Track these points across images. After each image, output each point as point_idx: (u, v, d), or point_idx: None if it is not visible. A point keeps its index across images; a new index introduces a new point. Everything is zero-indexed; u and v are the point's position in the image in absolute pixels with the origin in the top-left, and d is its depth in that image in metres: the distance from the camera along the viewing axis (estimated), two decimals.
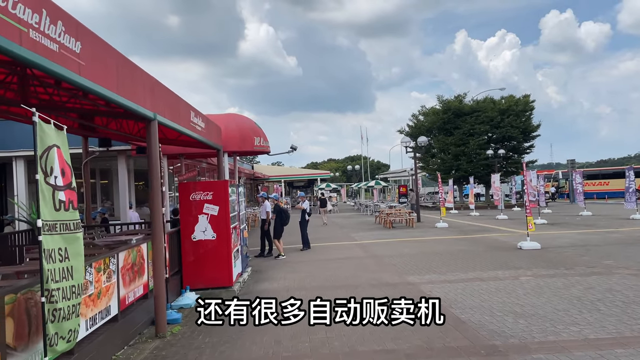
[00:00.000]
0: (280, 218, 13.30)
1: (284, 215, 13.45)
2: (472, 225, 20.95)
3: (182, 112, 7.83)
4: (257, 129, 13.34)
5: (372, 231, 20.26)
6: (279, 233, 13.23)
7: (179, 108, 7.62)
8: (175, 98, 7.45)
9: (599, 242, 13.57)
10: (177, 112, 7.48)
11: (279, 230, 13.24)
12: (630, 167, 22.48)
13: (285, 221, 13.48)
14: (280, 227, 13.28)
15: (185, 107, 8.05)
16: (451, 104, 38.22)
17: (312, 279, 10.02)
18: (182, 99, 7.98)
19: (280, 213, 13.36)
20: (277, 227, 13.23)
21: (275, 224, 13.28)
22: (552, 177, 47.52)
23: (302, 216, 14.90)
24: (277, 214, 13.34)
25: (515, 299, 7.38)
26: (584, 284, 8.18)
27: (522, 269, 9.88)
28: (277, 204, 13.68)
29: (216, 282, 8.71)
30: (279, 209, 13.54)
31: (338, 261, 12.19)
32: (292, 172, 52.76)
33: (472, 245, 14.15)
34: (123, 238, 6.93)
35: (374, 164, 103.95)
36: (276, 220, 13.30)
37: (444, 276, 9.56)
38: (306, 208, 15.01)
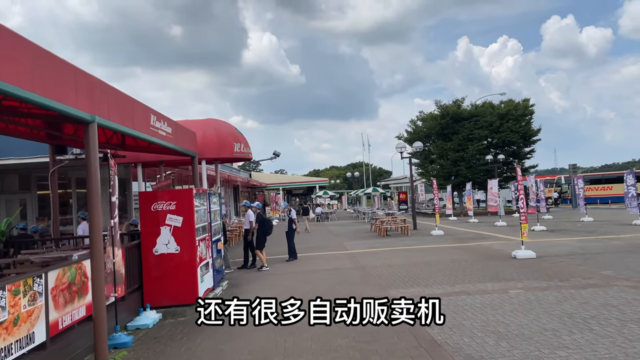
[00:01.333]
0: (263, 228, 12.69)
1: (267, 225, 12.83)
2: (468, 233, 20.23)
3: (138, 116, 7.23)
4: (237, 134, 12.77)
5: (365, 240, 19.59)
6: (261, 243, 12.61)
7: (133, 111, 7.03)
8: (127, 100, 6.87)
9: (599, 250, 12.85)
10: (130, 115, 6.89)
11: (262, 241, 12.63)
12: (631, 171, 21.72)
13: (268, 231, 12.86)
14: (263, 237, 12.67)
15: (142, 111, 7.46)
16: (449, 109, 37.61)
17: (289, 293, 9.30)
18: (139, 102, 7.40)
19: (263, 223, 12.75)
20: (259, 237, 12.62)
21: (258, 234, 12.67)
22: (555, 182, 46.74)
23: (289, 226, 14.27)
24: (259, 224, 12.72)
25: (500, 317, 6.70)
26: (577, 298, 7.49)
27: (513, 281, 9.19)
28: (259, 213, 13.06)
29: (180, 299, 8.08)
30: (262, 218, 12.92)
31: (322, 273, 11.53)
32: (290, 180, 52.22)
33: (465, 254, 13.46)
34: (64, 254, 6.32)
35: (375, 171, 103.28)
36: (258, 231, 12.69)
37: (428, 289, 8.89)
38: (293, 217, 14.36)
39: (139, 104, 7.36)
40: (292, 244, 14.20)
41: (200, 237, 8.62)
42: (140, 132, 7.28)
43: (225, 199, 30.42)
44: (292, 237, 14.22)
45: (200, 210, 8.84)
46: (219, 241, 10.32)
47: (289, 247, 14.18)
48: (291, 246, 14.16)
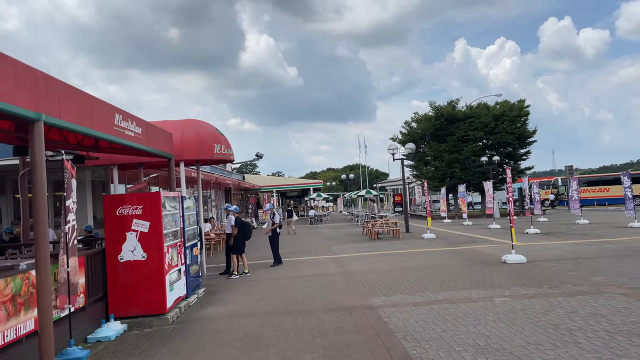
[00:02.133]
0: (243, 232, 12.24)
1: (247, 229, 12.39)
2: (460, 236, 19.82)
3: (98, 115, 6.79)
4: (217, 135, 12.33)
5: (355, 243, 19.16)
6: (241, 248, 12.16)
7: (92, 110, 6.60)
8: (84, 98, 6.43)
9: (592, 254, 12.45)
10: (88, 114, 6.45)
11: (241, 246, 12.19)
12: (626, 172, 21.34)
13: (248, 235, 12.43)
14: (243, 242, 12.23)
15: (104, 109, 7.02)
16: (444, 110, 37.26)
17: (266, 301, 8.94)
18: (100, 100, 6.97)
19: (243, 227, 12.30)
20: (239, 242, 12.17)
21: (237, 239, 12.21)
22: (552, 184, 46.38)
23: (274, 230, 13.82)
24: (239, 228, 12.27)
25: (482, 328, 6.28)
26: (565, 307, 7.08)
27: (500, 288, 8.77)
28: (238, 217, 12.60)
29: (148, 309, 7.64)
30: (241, 222, 12.47)
31: (305, 279, 11.11)
32: (284, 182, 51.74)
33: (454, 258, 13.05)
34: (10, 263, 5.88)
35: (372, 173, 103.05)
36: (238, 235, 12.22)
37: (411, 297, 8.47)
38: (277, 221, 13.90)
39: (99, 102, 6.93)
40: (277, 249, 13.76)
41: (170, 242, 8.19)
42: (101, 132, 6.84)
43: (216, 201, 29.99)
44: (277, 242, 13.78)
45: (171, 215, 8.41)
46: (194, 247, 9.89)
47: (274, 252, 13.73)
48: (276, 251, 13.73)
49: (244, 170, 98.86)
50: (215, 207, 29.51)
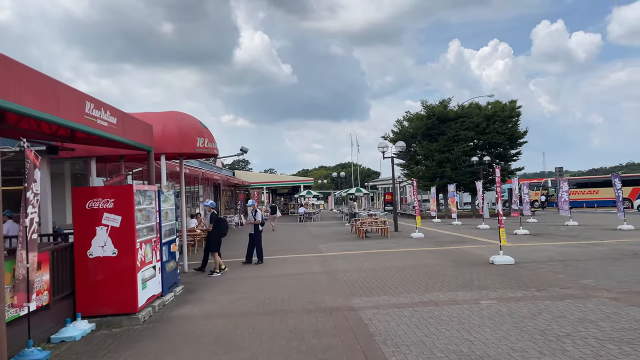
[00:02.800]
0: (219, 229, 11.89)
1: (223, 226, 12.03)
2: (449, 236, 19.58)
3: (66, 102, 6.40)
4: (200, 128, 11.95)
5: (342, 242, 18.85)
6: (216, 245, 11.80)
7: (58, 96, 6.21)
8: (48, 83, 6.04)
9: (581, 256, 12.24)
10: (54, 100, 6.07)
11: (217, 243, 11.83)
12: (617, 174, 21.22)
13: (223, 232, 12.08)
14: (218, 239, 11.88)
15: (72, 97, 6.64)
16: (435, 109, 37.05)
17: (244, 301, 8.60)
18: (68, 86, 6.57)
19: (219, 223, 11.95)
20: (214, 239, 11.81)
21: (213, 236, 11.84)
22: (542, 185, 46.39)
23: (255, 227, 13.45)
24: (214, 224, 11.89)
25: (466, 332, 5.99)
26: (553, 312, 6.81)
27: (487, 290, 8.50)
28: (213, 213, 12.20)
29: (118, 308, 7.28)
30: (217, 218, 12.11)
31: (287, 278, 10.78)
32: (275, 179, 51.38)
33: (442, 258, 12.78)
34: None
35: (364, 171, 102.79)
36: (213, 232, 11.86)
37: (395, 298, 8.17)
38: (258, 218, 13.53)
39: (68, 89, 6.53)
40: (260, 247, 13.38)
41: (144, 238, 7.83)
42: (69, 120, 6.45)
43: (204, 197, 29.55)
44: (259, 239, 13.39)
45: (146, 210, 8.05)
46: (172, 243, 9.52)
47: (257, 250, 13.35)
48: (259, 249, 13.33)
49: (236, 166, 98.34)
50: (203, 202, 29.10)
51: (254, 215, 13.52)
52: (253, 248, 13.34)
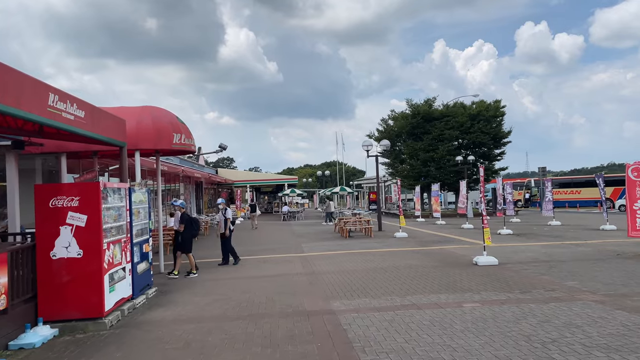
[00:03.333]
0: (190, 229, 11.42)
1: (194, 226, 11.59)
2: (433, 235, 19.41)
3: (27, 93, 5.99)
4: (177, 124, 11.54)
5: (326, 241, 18.56)
6: (187, 246, 11.34)
7: (18, 86, 5.79)
8: (9, 73, 5.61)
9: (565, 256, 12.11)
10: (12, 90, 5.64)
11: (188, 243, 11.38)
12: (600, 174, 21.25)
13: (195, 232, 11.65)
14: (190, 240, 11.43)
15: (34, 88, 6.21)
16: (420, 108, 36.94)
17: (220, 303, 8.25)
18: (30, 77, 6.14)
19: (190, 223, 11.47)
20: (185, 239, 11.34)
21: (184, 236, 11.36)
22: (525, 185, 46.66)
23: (225, 226, 12.94)
24: (185, 225, 11.38)
25: (448, 338, 5.73)
26: (538, 316, 6.58)
27: (470, 292, 8.27)
28: (184, 213, 11.67)
29: (83, 312, 6.87)
30: (188, 218, 11.59)
31: (266, 279, 10.44)
32: (259, 177, 50.90)
33: (425, 259, 12.55)
34: None
35: (349, 170, 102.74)
36: (185, 232, 11.37)
37: (376, 301, 7.89)
38: (229, 217, 13.10)
39: (28, 79, 6.11)
40: (230, 247, 12.91)
41: (113, 238, 7.43)
42: (29, 113, 6.02)
43: (186, 195, 29.04)
44: (229, 239, 12.96)
45: (115, 208, 7.64)
46: (145, 243, 9.11)
47: (230, 250, 12.85)
48: (229, 249, 12.86)
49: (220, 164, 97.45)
50: (185, 201, 28.56)
51: (224, 214, 13.07)
52: (230, 246, 12.94)
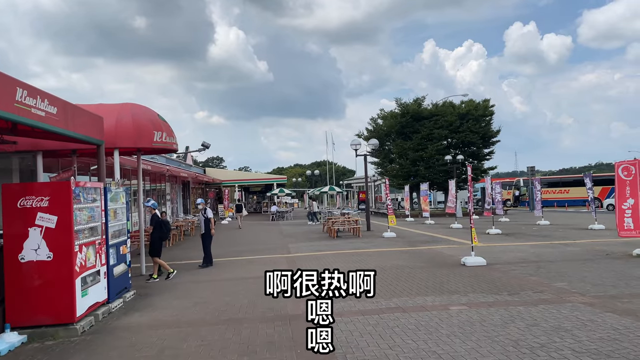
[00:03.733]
0: (160, 231, 10.98)
1: (164, 228, 11.13)
2: (421, 235, 19.24)
3: None
4: (158, 122, 11.22)
5: (313, 241, 18.31)
6: (157, 250, 10.93)
7: None
8: None
9: (554, 257, 11.97)
10: None
11: (158, 246, 10.96)
12: (589, 174, 21.21)
13: (165, 235, 11.24)
14: (159, 242, 11.02)
15: (1, 81, 5.89)
16: (410, 107, 36.82)
17: (200, 307, 7.97)
18: None
19: (160, 225, 11.02)
20: (155, 242, 10.91)
21: (153, 239, 10.93)
22: (514, 184, 46.78)
23: (206, 227, 12.56)
24: (154, 227, 10.95)
25: (434, 344, 5.50)
26: (527, 319, 6.39)
27: (457, 294, 8.06)
28: (154, 214, 11.22)
29: (54, 317, 6.57)
30: (158, 220, 11.11)
31: (250, 282, 10.15)
32: (247, 177, 50.54)
33: (412, 259, 12.35)
34: None
35: (339, 170, 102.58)
36: (154, 234, 10.93)
37: (360, 304, 7.65)
38: (210, 217, 12.68)
39: None
40: (209, 249, 12.54)
41: (86, 240, 7.12)
42: None
43: (172, 195, 28.65)
44: (209, 241, 12.58)
45: (89, 208, 7.33)
46: (122, 245, 8.80)
47: (205, 251, 12.55)
48: (207, 251, 12.51)
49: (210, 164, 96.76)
50: (171, 201, 28.18)
51: (203, 215, 12.70)
52: (209, 248, 12.57)
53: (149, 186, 23.15)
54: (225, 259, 13.68)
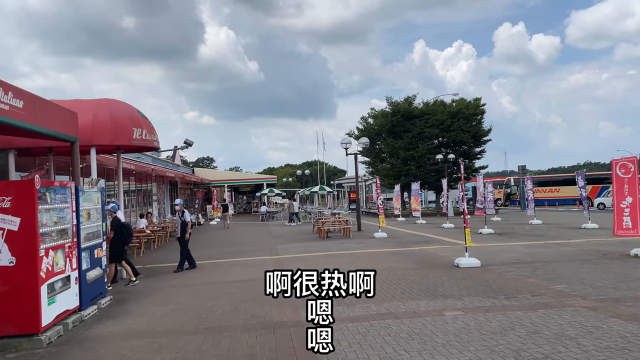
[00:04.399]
0: (121, 236, 10.21)
1: (126, 233, 10.34)
2: (413, 235, 18.85)
3: None
4: (138, 118, 10.71)
5: (302, 242, 17.85)
6: (119, 255, 10.19)
7: None
8: None
9: (549, 257, 11.61)
10: None
11: (120, 251, 10.23)
12: (581, 172, 20.95)
13: (127, 240, 10.47)
14: (122, 247, 10.31)
15: None
16: (400, 106, 36.46)
17: (179, 314, 7.48)
18: None
19: (121, 230, 10.24)
20: (116, 247, 10.13)
21: (115, 244, 10.13)
22: (505, 183, 46.64)
23: (182, 230, 11.96)
24: (115, 231, 10.16)
25: (428, 355, 5.06)
26: (527, 325, 5.97)
27: (452, 298, 7.65)
28: (115, 218, 10.38)
29: (18, 327, 6.04)
30: (119, 224, 10.32)
31: (234, 286, 9.68)
32: (237, 177, 49.95)
33: (404, 261, 11.93)
34: None
35: (330, 170, 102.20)
36: (114, 239, 10.12)
37: (350, 309, 7.22)
38: (187, 220, 12.04)
39: None
40: (186, 251, 11.95)
41: (54, 244, 6.60)
42: None
43: (159, 195, 28.02)
44: (186, 244, 11.98)
45: (57, 209, 6.81)
46: (97, 248, 8.27)
47: (182, 254, 11.92)
48: (184, 254, 11.92)
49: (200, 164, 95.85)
50: (158, 201, 27.54)
51: (181, 217, 12.08)
52: (186, 252, 12.04)
53: (135, 186, 22.55)
54: (209, 261, 13.19)
